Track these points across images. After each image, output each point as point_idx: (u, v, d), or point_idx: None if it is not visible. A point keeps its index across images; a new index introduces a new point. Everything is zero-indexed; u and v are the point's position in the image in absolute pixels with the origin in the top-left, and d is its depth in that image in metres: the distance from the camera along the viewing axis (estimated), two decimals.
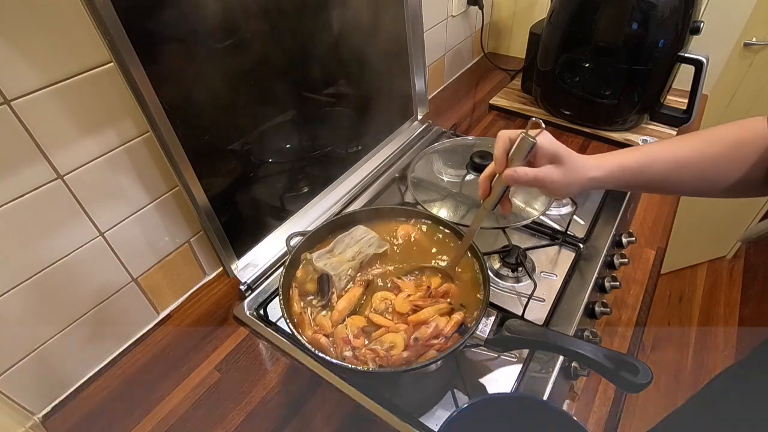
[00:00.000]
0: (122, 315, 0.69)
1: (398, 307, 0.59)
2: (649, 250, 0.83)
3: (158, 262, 0.71)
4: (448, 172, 0.88)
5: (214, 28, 0.61)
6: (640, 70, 0.97)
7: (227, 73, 0.65)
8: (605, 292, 0.72)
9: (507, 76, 1.38)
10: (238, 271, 0.75)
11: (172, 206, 0.69)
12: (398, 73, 1.00)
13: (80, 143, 0.55)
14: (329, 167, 0.90)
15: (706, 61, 0.94)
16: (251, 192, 0.77)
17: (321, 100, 0.85)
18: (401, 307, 0.59)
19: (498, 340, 0.53)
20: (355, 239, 0.66)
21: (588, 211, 0.85)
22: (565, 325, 0.66)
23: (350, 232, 0.67)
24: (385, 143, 1.02)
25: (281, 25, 0.70)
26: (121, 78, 0.52)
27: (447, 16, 1.21)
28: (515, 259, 0.73)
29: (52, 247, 0.57)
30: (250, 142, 0.73)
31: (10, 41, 0.46)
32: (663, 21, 0.91)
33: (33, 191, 0.52)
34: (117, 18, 0.48)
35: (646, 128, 1.09)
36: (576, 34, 1.00)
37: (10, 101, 0.47)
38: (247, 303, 0.72)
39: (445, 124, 1.15)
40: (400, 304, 0.59)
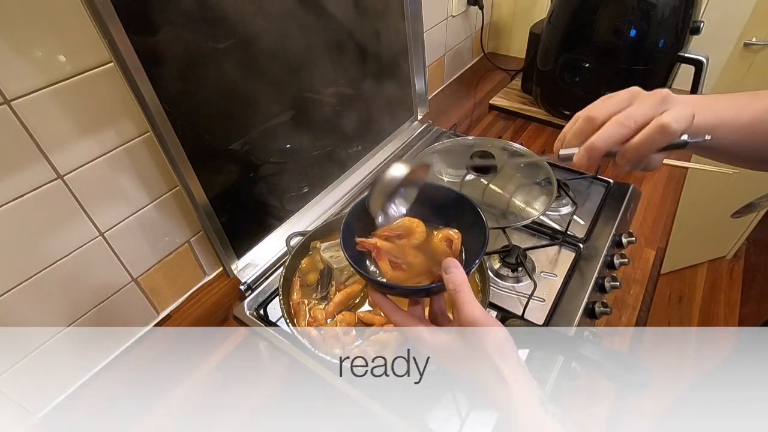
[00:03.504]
0: (122, 315, 0.69)
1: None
2: (649, 250, 0.83)
3: (158, 262, 0.71)
4: (448, 172, 0.88)
5: (215, 28, 0.61)
6: (640, 70, 0.97)
7: (227, 73, 0.65)
8: (605, 292, 0.72)
9: (507, 76, 1.38)
10: (238, 271, 0.75)
11: (172, 206, 0.69)
12: (398, 73, 1.00)
13: (80, 143, 0.55)
14: (329, 167, 0.90)
15: (706, 61, 0.94)
16: (251, 192, 0.77)
17: (321, 100, 0.84)
18: None
19: None
20: None
21: (588, 211, 0.85)
22: (565, 325, 0.66)
23: None
24: (385, 143, 1.02)
25: (281, 25, 0.70)
26: (121, 78, 0.52)
27: (447, 16, 1.21)
28: (515, 259, 0.73)
29: (52, 247, 0.57)
30: (250, 142, 0.73)
31: (10, 41, 0.46)
32: (663, 21, 0.91)
33: (33, 191, 0.52)
34: (117, 18, 0.48)
35: None
36: (576, 34, 1.00)
37: (10, 101, 0.47)
38: (247, 303, 0.72)
39: (445, 124, 1.15)
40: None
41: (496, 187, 0.83)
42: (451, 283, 0.42)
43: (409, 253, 0.52)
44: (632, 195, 0.89)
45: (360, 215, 0.51)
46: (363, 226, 0.52)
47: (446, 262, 0.43)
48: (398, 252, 0.51)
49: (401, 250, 0.52)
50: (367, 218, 0.51)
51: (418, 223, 0.54)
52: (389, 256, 0.51)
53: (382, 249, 0.51)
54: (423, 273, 0.51)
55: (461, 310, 0.41)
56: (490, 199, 0.81)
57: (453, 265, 0.43)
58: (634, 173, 0.96)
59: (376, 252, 0.51)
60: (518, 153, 0.88)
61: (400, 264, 0.51)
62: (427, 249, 0.53)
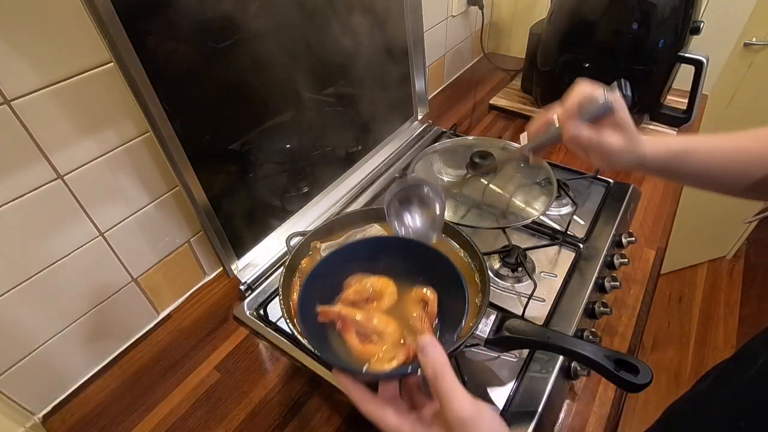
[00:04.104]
0: (122, 315, 0.69)
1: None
2: (649, 250, 0.83)
3: (158, 262, 0.71)
4: (448, 172, 0.88)
5: (215, 28, 0.61)
6: (640, 70, 0.97)
7: (227, 73, 0.65)
8: (605, 292, 0.72)
9: (507, 76, 1.38)
10: (238, 271, 0.75)
11: (172, 206, 0.69)
12: (398, 73, 1.00)
13: (80, 143, 0.55)
14: (329, 167, 0.90)
15: (706, 61, 0.94)
16: (251, 192, 0.77)
17: (321, 100, 0.85)
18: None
19: (498, 340, 0.53)
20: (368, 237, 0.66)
21: (588, 211, 0.85)
22: (565, 325, 0.66)
23: (364, 229, 0.67)
24: (385, 143, 1.02)
25: (281, 25, 0.70)
26: (121, 78, 0.52)
27: (447, 16, 1.21)
28: (515, 259, 0.73)
29: (52, 247, 0.57)
30: (250, 142, 0.73)
31: (10, 41, 0.46)
32: (663, 21, 0.91)
33: (33, 191, 0.53)
34: (117, 18, 0.48)
35: (646, 128, 1.09)
36: (576, 34, 1.00)
37: (10, 101, 0.47)
38: (247, 303, 0.72)
39: (445, 124, 1.15)
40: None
41: (496, 187, 0.83)
42: (430, 368, 0.35)
43: (379, 320, 0.46)
44: (632, 195, 0.89)
45: (322, 278, 0.47)
46: (324, 291, 0.47)
47: (422, 340, 0.37)
48: (367, 320, 0.45)
49: (370, 318, 0.46)
50: (330, 281, 0.47)
51: (387, 283, 0.49)
52: (356, 327, 0.45)
53: (348, 319, 0.45)
54: (396, 344, 0.45)
55: (447, 406, 0.34)
56: (490, 199, 0.81)
57: (430, 344, 0.36)
58: (633, 173, 0.96)
59: (342, 323, 0.45)
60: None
61: (369, 335, 0.45)
62: (400, 313, 0.47)
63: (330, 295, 0.49)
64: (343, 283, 0.51)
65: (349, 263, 0.51)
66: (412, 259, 0.51)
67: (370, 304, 0.48)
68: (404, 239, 0.54)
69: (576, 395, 0.63)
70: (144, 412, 0.63)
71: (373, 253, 0.52)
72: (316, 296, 0.46)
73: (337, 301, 0.48)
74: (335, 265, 0.50)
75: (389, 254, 0.51)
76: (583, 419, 0.60)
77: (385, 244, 0.54)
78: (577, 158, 1.04)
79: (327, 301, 0.47)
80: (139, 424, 0.62)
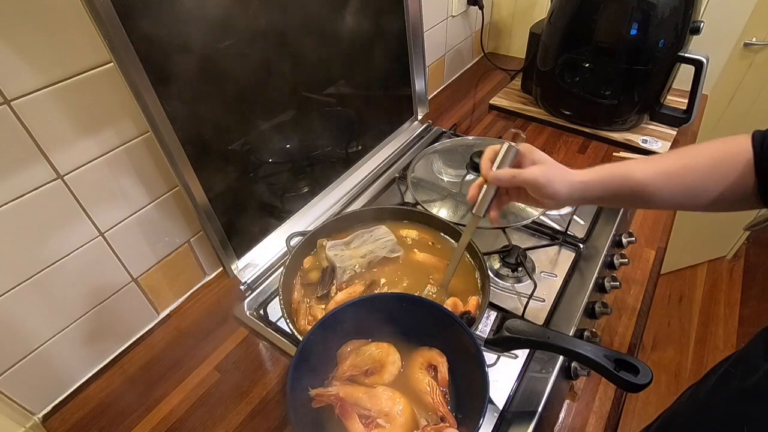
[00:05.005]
0: (122, 315, 0.69)
1: None
2: (649, 250, 0.83)
3: (158, 262, 0.71)
4: (448, 172, 0.88)
5: (215, 29, 0.61)
6: (640, 70, 0.97)
7: (227, 73, 0.65)
8: (605, 292, 0.72)
9: (507, 76, 1.38)
10: (238, 271, 0.75)
11: (171, 206, 0.69)
12: (398, 73, 1.00)
13: (80, 143, 0.55)
14: (329, 167, 0.90)
15: (706, 61, 0.94)
16: (251, 192, 0.77)
17: (321, 100, 0.85)
18: None
19: (498, 340, 0.53)
20: (374, 238, 0.66)
21: (588, 211, 0.85)
22: (565, 325, 0.66)
23: (372, 230, 0.67)
24: (385, 143, 1.02)
25: (281, 25, 0.70)
26: (121, 78, 0.52)
27: (447, 16, 1.21)
28: (515, 259, 0.73)
29: (52, 247, 0.57)
30: (250, 142, 0.73)
31: (10, 41, 0.46)
32: (663, 21, 0.91)
33: (33, 191, 0.52)
34: (117, 18, 0.48)
35: (646, 128, 1.09)
36: (576, 34, 1.00)
37: (10, 101, 0.47)
38: (247, 303, 0.72)
39: (445, 124, 1.15)
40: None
41: None
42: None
43: (383, 398, 0.39)
44: None
45: (312, 354, 0.40)
46: (317, 368, 0.41)
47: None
48: (369, 400, 0.39)
49: (372, 397, 0.39)
50: (323, 356, 0.41)
51: (388, 350, 0.43)
52: (358, 410, 0.38)
53: (347, 400, 0.38)
54: (408, 427, 0.38)
55: None
56: None
57: None
58: None
59: (340, 407, 0.38)
60: None
61: (374, 419, 0.38)
62: (406, 384, 0.41)
63: (323, 371, 0.42)
64: (335, 354, 0.44)
65: (340, 330, 0.45)
66: (412, 317, 0.45)
67: (370, 377, 0.42)
68: (398, 295, 0.50)
69: (576, 395, 0.63)
70: (144, 412, 0.63)
71: (366, 315, 0.46)
72: (307, 377, 0.40)
73: (332, 379, 0.42)
74: (325, 335, 0.44)
75: (385, 314, 0.46)
76: (583, 419, 0.60)
77: (379, 303, 0.47)
78: (575, 160, 1.04)
79: (321, 380, 0.41)
80: (139, 424, 0.62)
